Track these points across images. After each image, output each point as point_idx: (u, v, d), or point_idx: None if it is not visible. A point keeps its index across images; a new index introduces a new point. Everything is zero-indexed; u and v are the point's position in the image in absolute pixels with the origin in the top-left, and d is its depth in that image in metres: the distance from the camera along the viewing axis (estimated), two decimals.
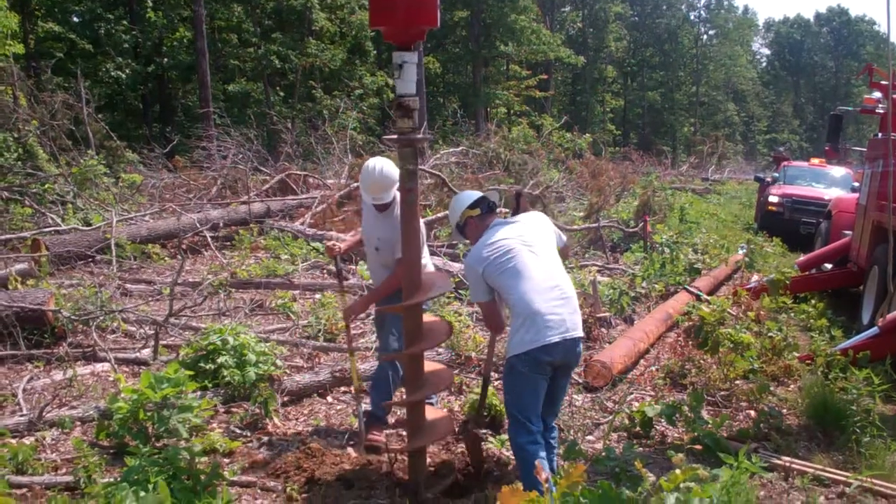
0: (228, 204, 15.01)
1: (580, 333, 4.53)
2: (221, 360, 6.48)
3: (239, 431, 5.95)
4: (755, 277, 12.03)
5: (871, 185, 10.15)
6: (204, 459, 5.00)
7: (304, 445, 5.52)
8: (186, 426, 5.19)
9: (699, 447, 5.67)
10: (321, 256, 12.22)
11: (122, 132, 24.04)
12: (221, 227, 13.65)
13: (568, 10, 62.34)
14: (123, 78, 29.96)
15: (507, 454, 5.53)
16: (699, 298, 10.03)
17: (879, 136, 10.52)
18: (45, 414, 5.77)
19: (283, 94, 33.25)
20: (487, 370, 5.34)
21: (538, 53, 42.94)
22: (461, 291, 9.77)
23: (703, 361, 7.68)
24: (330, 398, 6.87)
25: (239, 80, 32.99)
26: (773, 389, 7.12)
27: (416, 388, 4.72)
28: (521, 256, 4.49)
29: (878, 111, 10.78)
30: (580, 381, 7.39)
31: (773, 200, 19.38)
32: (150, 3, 31.91)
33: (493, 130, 23.18)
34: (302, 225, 14.04)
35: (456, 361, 7.62)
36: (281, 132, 21.42)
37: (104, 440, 5.49)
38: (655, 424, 6.32)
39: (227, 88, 32.55)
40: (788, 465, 5.51)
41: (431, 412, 5.11)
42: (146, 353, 7.48)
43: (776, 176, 21.90)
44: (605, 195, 18.04)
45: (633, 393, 7.29)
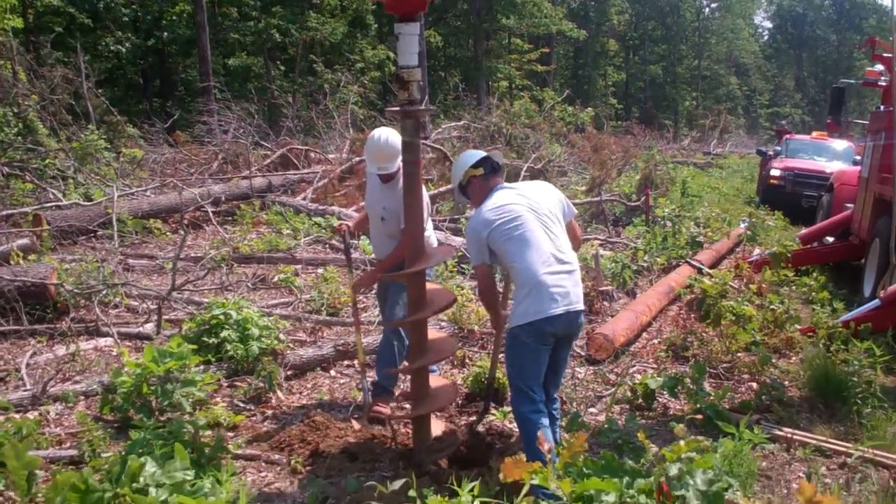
0: (230, 179, 14.99)
1: (582, 306, 4.52)
2: (225, 334, 6.51)
3: (243, 405, 5.97)
4: (757, 251, 12.04)
5: (872, 158, 10.11)
6: (208, 433, 5.02)
7: (308, 419, 5.54)
8: (190, 400, 5.22)
9: (700, 417, 5.69)
10: (323, 231, 12.21)
11: (122, 107, 23.90)
12: (223, 201, 13.63)
13: None
14: (123, 52, 29.80)
15: (509, 426, 5.55)
16: (701, 272, 10.02)
17: (881, 108, 10.47)
18: (48, 388, 5.79)
19: (283, 68, 33.08)
20: (496, 350, 5.32)
21: (540, 27, 42.59)
22: (464, 266, 9.77)
23: (705, 334, 7.70)
24: (333, 372, 6.89)
25: (239, 54, 32.78)
26: (774, 361, 7.15)
27: (419, 355, 4.73)
28: (529, 225, 4.40)
29: (880, 84, 10.74)
30: (583, 353, 7.41)
31: (774, 174, 19.31)
32: None
33: (494, 104, 23.15)
34: (303, 200, 14.03)
35: (459, 335, 7.64)
36: (282, 107, 21.38)
37: (108, 414, 5.51)
38: (658, 397, 6.34)
39: (227, 63, 32.38)
40: (790, 436, 5.54)
41: (435, 380, 5.13)
42: (149, 327, 7.50)
43: (778, 149, 21.82)
44: (606, 169, 18.00)
45: (635, 365, 7.30)
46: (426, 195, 4.85)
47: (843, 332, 7.07)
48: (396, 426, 5.34)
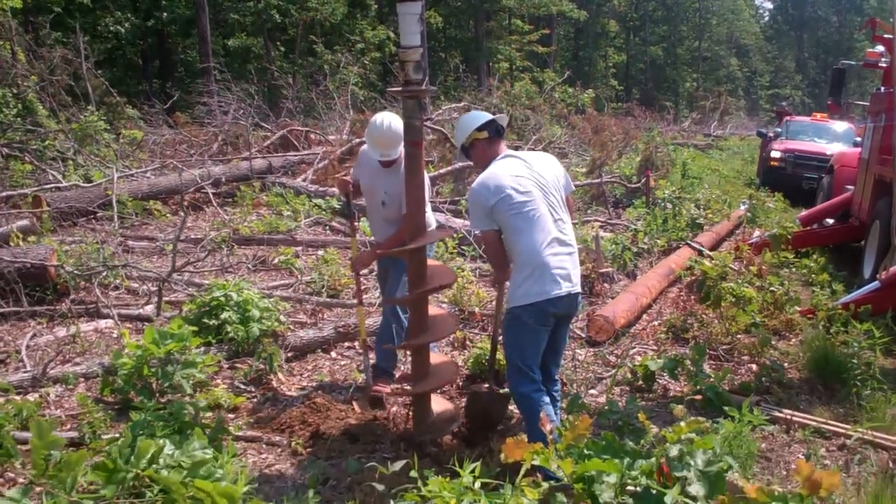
0: (230, 160, 14.96)
1: (580, 288, 4.53)
2: (225, 315, 6.50)
3: (243, 387, 5.97)
4: (757, 232, 12.05)
5: (873, 139, 10.10)
6: (209, 414, 5.04)
7: (308, 400, 5.55)
8: (191, 382, 5.22)
9: (700, 398, 5.70)
10: (324, 213, 12.20)
11: (121, 88, 23.81)
12: (223, 183, 13.60)
13: None
14: (122, 33, 29.68)
15: (510, 408, 5.56)
16: (701, 253, 10.03)
17: (882, 90, 10.45)
18: (48, 370, 5.79)
19: (283, 49, 32.93)
20: (496, 329, 5.28)
21: (540, 7, 42.42)
22: (464, 248, 9.76)
23: (705, 316, 7.71)
24: (334, 353, 6.90)
25: (239, 34, 32.66)
26: (774, 343, 7.16)
27: (420, 332, 4.74)
28: (537, 203, 4.34)
29: (880, 65, 10.71)
30: (583, 335, 7.42)
31: (775, 155, 19.30)
32: None
33: (495, 86, 23.04)
34: (304, 181, 14.01)
35: (459, 317, 7.64)
36: (282, 88, 21.32)
37: (108, 396, 5.50)
38: (658, 378, 6.35)
39: (227, 43, 32.26)
40: (790, 417, 5.55)
41: (436, 358, 5.12)
42: (149, 309, 7.49)
43: (778, 131, 21.80)
44: (607, 151, 17.98)
45: (635, 347, 7.31)
46: (426, 177, 4.83)
47: (842, 313, 7.07)
48: (396, 408, 5.35)
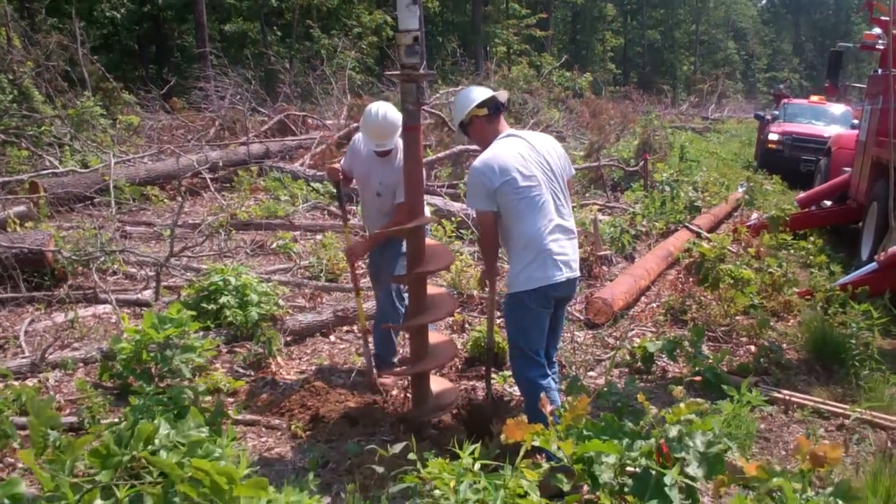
0: (227, 145, 14.91)
1: (579, 273, 4.53)
2: (224, 300, 6.51)
3: (242, 371, 5.98)
4: (755, 215, 12.05)
5: (870, 121, 10.10)
6: (208, 399, 5.03)
7: (307, 384, 5.55)
8: (190, 366, 5.21)
9: (699, 380, 5.71)
10: (321, 197, 12.18)
11: (118, 73, 23.66)
12: (220, 168, 13.55)
13: None
14: (118, 18, 29.52)
15: (510, 389, 5.57)
16: (699, 236, 10.02)
17: (879, 72, 10.45)
18: (47, 356, 5.79)
19: (280, 33, 32.81)
20: (491, 309, 5.24)
21: None
22: (462, 231, 9.75)
23: (703, 297, 7.71)
24: (333, 337, 6.90)
25: (235, 19, 32.50)
26: (772, 324, 7.17)
27: (419, 312, 4.74)
28: (542, 188, 4.29)
29: (877, 47, 10.69)
30: (582, 317, 7.42)
31: (772, 138, 19.29)
32: None
33: (492, 70, 23.00)
34: (301, 166, 13.98)
35: (458, 301, 7.63)
36: (279, 72, 21.24)
37: (107, 381, 5.51)
38: (656, 360, 6.36)
39: (223, 28, 32.11)
40: (788, 398, 5.57)
41: (435, 337, 5.12)
42: (147, 294, 7.49)
43: (776, 114, 21.78)
44: (605, 134, 17.95)
45: (634, 329, 7.32)
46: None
47: (840, 294, 7.09)
48: (396, 391, 5.35)
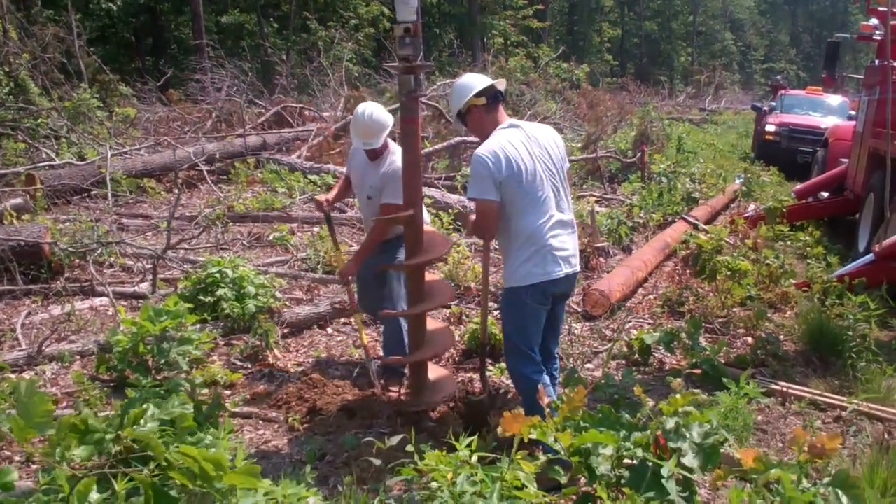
0: (224, 137, 14.91)
1: (579, 268, 4.51)
2: (220, 292, 6.50)
3: (239, 364, 5.97)
4: (752, 206, 12.05)
5: (867, 112, 10.10)
6: (205, 391, 5.04)
7: (305, 376, 5.55)
8: (187, 359, 5.21)
9: (696, 371, 5.71)
10: (318, 189, 12.17)
11: (114, 65, 23.57)
12: (217, 160, 13.54)
13: None
14: (115, 10, 29.36)
15: (506, 382, 5.57)
16: (697, 227, 10.02)
17: (876, 63, 10.43)
18: (44, 348, 5.79)
19: (277, 25, 32.69)
20: (485, 301, 5.19)
21: None
22: (459, 223, 9.74)
23: (700, 289, 7.72)
24: (330, 330, 6.90)
25: (232, 11, 32.38)
26: (770, 316, 7.18)
27: (417, 301, 4.74)
28: (544, 183, 4.24)
29: (875, 38, 10.69)
30: (579, 309, 7.42)
31: (770, 129, 19.30)
32: None
33: (490, 61, 22.96)
34: (298, 158, 13.96)
35: (455, 293, 7.63)
36: (276, 64, 21.23)
37: (104, 374, 5.51)
38: (654, 352, 6.36)
39: (220, 20, 31.99)
40: (785, 390, 5.57)
41: (433, 324, 5.12)
42: (144, 286, 7.48)
43: (773, 105, 21.80)
44: (602, 125, 17.92)
45: (631, 321, 7.32)
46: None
47: (837, 286, 7.10)
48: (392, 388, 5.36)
